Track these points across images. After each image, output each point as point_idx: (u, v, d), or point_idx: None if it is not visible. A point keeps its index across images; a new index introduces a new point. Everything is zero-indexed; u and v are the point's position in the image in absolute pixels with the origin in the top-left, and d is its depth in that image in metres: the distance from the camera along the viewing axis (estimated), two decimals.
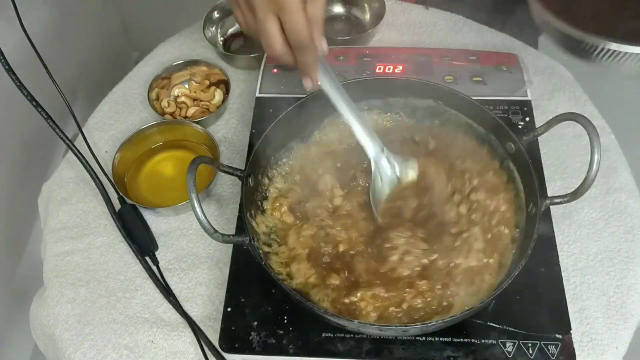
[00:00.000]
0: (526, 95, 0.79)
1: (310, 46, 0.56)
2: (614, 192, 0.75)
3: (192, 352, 0.66)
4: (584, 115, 0.58)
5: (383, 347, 0.61)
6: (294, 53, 0.57)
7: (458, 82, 0.80)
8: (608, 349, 0.64)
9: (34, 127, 1.04)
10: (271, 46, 0.56)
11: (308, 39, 0.55)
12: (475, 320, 0.61)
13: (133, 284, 0.71)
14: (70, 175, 0.81)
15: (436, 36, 0.93)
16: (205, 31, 0.92)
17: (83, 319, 0.69)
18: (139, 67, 0.93)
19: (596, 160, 0.57)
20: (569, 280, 0.68)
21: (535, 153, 0.73)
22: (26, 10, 0.72)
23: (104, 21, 1.50)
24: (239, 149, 0.82)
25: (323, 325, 0.62)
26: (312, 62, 0.58)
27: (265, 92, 0.81)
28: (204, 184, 0.75)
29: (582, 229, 0.72)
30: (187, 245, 0.74)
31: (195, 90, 0.86)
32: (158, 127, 0.81)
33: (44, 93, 0.75)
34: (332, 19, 0.97)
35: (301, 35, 0.54)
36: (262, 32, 0.55)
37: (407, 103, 0.74)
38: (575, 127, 0.79)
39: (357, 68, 0.83)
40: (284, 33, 0.55)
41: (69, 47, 1.25)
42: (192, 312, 0.69)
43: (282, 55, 0.57)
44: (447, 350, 0.60)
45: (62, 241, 0.75)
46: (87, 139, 0.78)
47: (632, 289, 0.67)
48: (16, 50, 0.77)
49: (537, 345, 0.60)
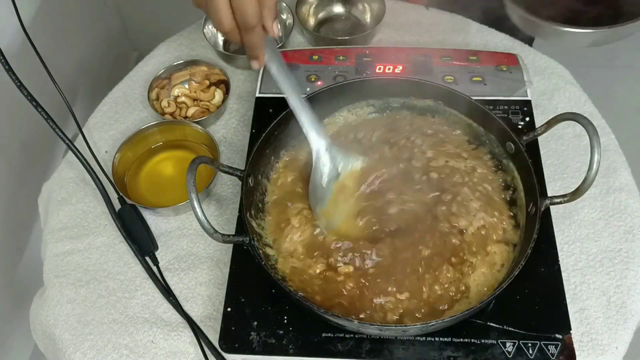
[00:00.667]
0: (526, 95, 0.79)
1: (257, 27, 0.55)
2: (614, 192, 0.75)
3: (192, 352, 0.66)
4: (584, 115, 0.58)
5: (383, 347, 0.61)
6: (241, 32, 0.56)
7: (458, 82, 0.80)
8: (608, 349, 0.64)
9: (34, 127, 1.04)
10: (218, 23, 0.55)
11: (255, 20, 0.54)
12: (475, 320, 0.61)
13: (133, 284, 0.71)
14: (70, 175, 0.81)
15: (436, 36, 0.93)
16: (205, 31, 0.92)
17: (83, 319, 0.69)
18: (139, 67, 0.93)
19: (596, 160, 0.57)
20: (569, 280, 0.68)
21: (535, 153, 0.73)
22: (26, 10, 0.72)
23: (104, 21, 1.50)
24: (239, 149, 0.82)
25: (323, 325, 0.62)
26: (258, 43, 0.57)
27: (265, 92, 0.81)
28: (204, 184, 0.75)
29: (582, 229, 0.72)
30: (187, 245, 0.74)
31: (195, 90, 0.86)
32: (158, 127, 0.81)
33: (44, 93, 0.75)
34: (332, 19, 0.97)
35: (248, 15, 0.54)
36: (210, 8, 0.54)
37: (407, 103, 0.75)
38: (575, 127, 0.80)
39: (357, 68, 0.83)
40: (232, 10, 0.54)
41: (69, 47, 1.25)
42: (192, 312, 0.69)
43: (229, 33, 0.56)
44: (447, 350, 0.60)
45: (62, 241, 0.75)
46: (87, 139, 0.78)
47: (632, 289, 0.67)
48: (16, 50, 0.77)
49: (537, 345, 0.60)
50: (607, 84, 1.32)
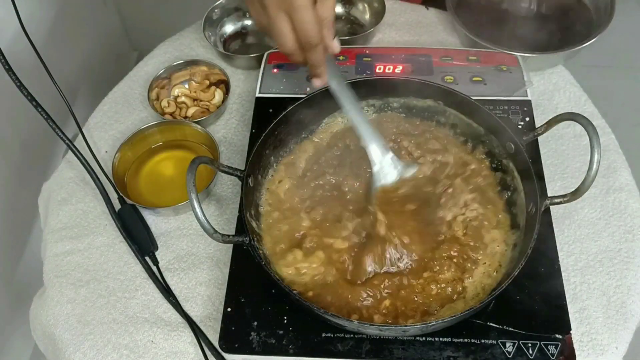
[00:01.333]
0: (526, 95, 0.79)
1: (319, 45, 0.57)
2: (614, 192, 0.75)
3: (192, 352, 0.66)
4: (584, 115, 0.58)
5: (383, 347, 0.61)
6: (304, 52, 0.58)
7: (458, 82, 0.80)
8: (608, 349, 0.64)
9: (34, 127, 1.04)
10: (282, 44, 0.57)
11: (317, 38, 0.56)
12: (475, 320, 0.61)
13: (133, 284, 0.71)
14: (70, 175, 0.81)
15: (436, 36, 0.93)
16: (205, 31, 0.92)
17: (83, 319, 0.69)
18: (139, 67, 0.93)
19: (596, 160, 0.57)
20: (569, 280, 0.68)
21: (535, 153, 0.73)
22: (26, 10, 0.72)
23: (104, 21, 1.50)
24: (239, 149, 0.82)
25: (323, 325, 0.62)
26: (320, 61, 0.59)
27: (265, 92, 0.81)
28: (204, 184, 0.75)
29: (582, 229, 0.72)
30: (187, 245, 0.74)
31: (195, 90, 0.86)
32: (158, 127, 0.81)
33: (44, 93, 0.75)
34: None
35: (310, 34, 0.55)
36: (273, 30, 0.56)
37: (407, 103, 0.75)
38: (575, 127, 0.80)
39: (357, 68, 0.83)
40: (295, 32, 0.56)
41: (69, 47, 1.25)
42: (192, 312, 0.69)
43: (292, 53, 0.58)
44: (447, 350, 0.60)
45: (62, 241, 0.75)
46: (87, 139, 0.78)
47: (632, 289, 0.67)
48: (16, 50, 0.77)
49: (537, 345, 0.60)
50: (607, 84, 1.32)
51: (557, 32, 0.88)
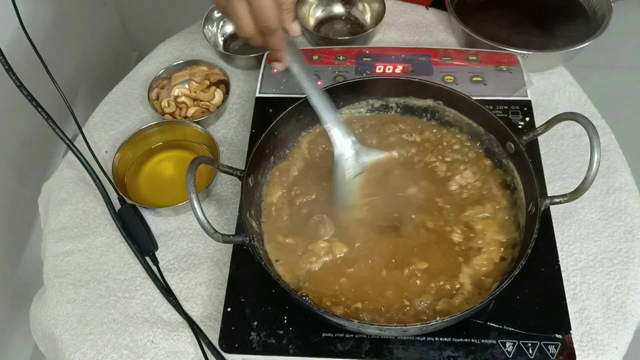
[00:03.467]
0: (526, 95, 0.79)
1: (277, 29, 0.56)
2: (614, 192, 0.75)
3: (192, 352, 0.66)
4: (584, 115, 0.58)
5: (383, 347, 0.61)
6: (263, 36, 0.57)
7: (458, 82, 0.80)
8: (608, 349, 0.64)
9: (34, 127, 1.04)
10: (240, 28, 0.56)
11: (275, 22, 0.55)
12: (475, 320, 0.61)
13: (133, 284, 0.71)
14: (70, 175, 0.81)
15: (436, 36, 0.93)
16: (205, 31, 0.92)
17: (83, 319, 0.69)
18: (139, 67, 0.93)
19: (596, 160, 0.57)
20: (569, 280, 0.68)
21: (535, 153, 0.73)
22: (26, 10, 0.72)
23: (104, 21, 1.50)
24: (239, 149, 0.82)
25: (323, 325, 0.62)
26: (280, 44, 0.59)
27: (265, 92, 0.81)
28: (204, 184, 0.75)
29: (582, 229, 0.72)
30: (187, 245, 0.74)
31: (195, 90, 0.86)
32: (158, 127, 0.81)
33: (44, 93, 0.75)
34: (332, 19, 0.97)
35: (268, 18, 0.54)
36: (231, 14, 0.55)
37: (407, 103, 0.75)
38: (575, 127, 0.80)
39: (357, 68, 0.83)
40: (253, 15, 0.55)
41: (69, 47, 1.25)
42: (192, 312, 0.69)
43: (251, 37, 0.57)
44: (447, 350, 0.60)
45: (62, 241, 0.75)
46: (87, 139, 0.78)
47: (632, 289, 0.67)
48: (16, 50, 0.77)
49: (537, 345, 0.60)
50: (607, 84, 1.32)
51: (557, 32, 0.88)
